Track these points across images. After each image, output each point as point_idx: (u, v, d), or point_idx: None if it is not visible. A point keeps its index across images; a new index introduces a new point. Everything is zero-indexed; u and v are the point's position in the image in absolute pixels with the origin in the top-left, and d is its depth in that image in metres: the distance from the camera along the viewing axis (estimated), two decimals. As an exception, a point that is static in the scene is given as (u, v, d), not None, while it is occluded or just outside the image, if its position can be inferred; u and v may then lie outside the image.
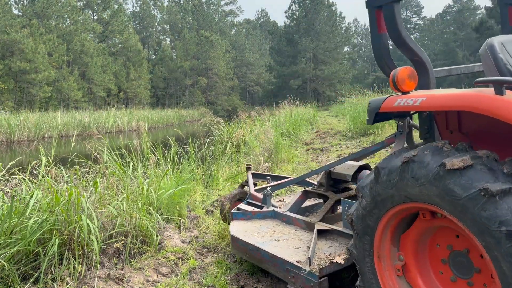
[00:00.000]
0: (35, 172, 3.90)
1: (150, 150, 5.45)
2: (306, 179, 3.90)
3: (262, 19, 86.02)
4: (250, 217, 3.55)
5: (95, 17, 44.74)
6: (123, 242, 3.53)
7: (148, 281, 3.24)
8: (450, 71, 2.77)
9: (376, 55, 2.50)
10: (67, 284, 2.98)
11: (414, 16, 71.16)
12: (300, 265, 2.57)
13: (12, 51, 29.28)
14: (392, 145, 2.53)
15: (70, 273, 3.07)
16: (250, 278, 3.19)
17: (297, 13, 47.58)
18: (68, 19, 37.43)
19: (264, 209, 3.58)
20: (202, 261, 3.63)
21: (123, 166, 4.45)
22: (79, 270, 3.09)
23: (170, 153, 5.75)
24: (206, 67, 49.73)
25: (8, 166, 3.80)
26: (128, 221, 3.66)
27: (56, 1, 35.15)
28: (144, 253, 3.66)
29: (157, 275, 3.35)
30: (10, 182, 4.06)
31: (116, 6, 45.28)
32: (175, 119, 34.35)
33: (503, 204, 1.52)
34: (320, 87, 45.87)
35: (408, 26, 70.10)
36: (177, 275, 3.36)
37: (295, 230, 3.19)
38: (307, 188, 3.64)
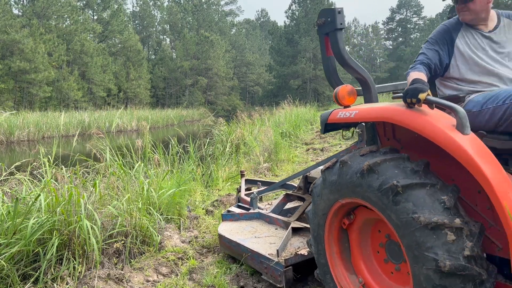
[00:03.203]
0: (35, 172, 3.91)
1: (151, 150, 5.45)
2: (291, 182, 4.34)
3: (262, 19, 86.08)
4: (238, 218, 3.85)
5: (95, 17, 44.73)
6: (123, 242, 3.53)
7: (148, 281, 3.24)
8: (396, 86, 3.01)
9: (326, 74, 2.84)
10: (67, 284, 2.98)
11: (414, 16, 71.13)
12: (271, 257, 2.89)
13: (12, 51, 29.29)
14: None
15: (70, 273, 3.07)
16: (250, 278, 3.19)
17: (297, 13, 47.61)
18: (68, 19, 37.41)
19: (251, 211, 3.89)
20: (202, 261, 3.63)
21: (123, 166, 4.45)
22: (79, 270, 3.09)
23: (169, 153, 5.75)
24: (206, 67, 49.74)
25: (13, 167, 3.81)
26: (128, 221, 3.66)
27: (56, 1, 35.13)
28: (144, 253, 3.66)
29: (157, 275, 3.35)
30: (10, 182, 4.06)
31: (116, 6, 45.27)
32: (175, 119, 34.36)
33: (409, 196, 1.79)
34: (320, 87, 45.88)
35: (408, 26, 70.13)
36: (177, 275, 3.36)
37: (275, 229, 3.50)
38: (288, 192, 3.96)
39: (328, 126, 2.53)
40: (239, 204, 4.24)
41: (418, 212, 1.74)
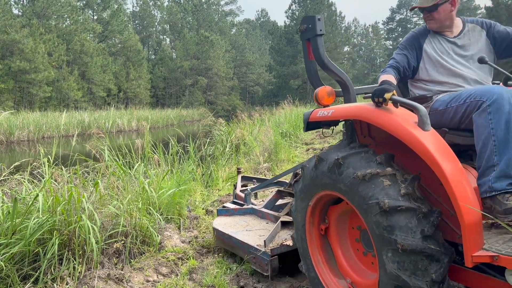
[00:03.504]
0: (34, 172, 3.90)
1: (151, 150, 5.45)
2: (283, 179, 4.51)
3: (262, 19, 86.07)
4: (232, 213, 4.04)
5: (95, 17, 44.70)
6: (123, 242, 3.53)
7: (148, 281, 3.24)
8: (373, 88, 3.19)
9: (308, 76, 3.02)
10: (67, 284, 2.98)
11: (414, 16, 71.04)
12: (259, 248, 3.10)
13: (12, 51, 29.26)
14: None
15: (70, 273, 3.07)
16: (250, 278, 3.19)
17: (297, 13, 47.59)
18: (68, 19, 37.37)
19: (244, 206, 4.09)
20: (202, 261, 3.63)
21: (123, 166, 4.45)
22: (79, 270, 3.09)
23: (169, 153, 5.75)
24: (206, 67, 49.72)
25: (12, 167, 3.81)
26: (128, 221, 3.66)
27: (56, 1, 35.10)
28: (144, 253, 3.66)
29: (157, 275, 3.35)
30: (10, 182, 4.06)
31: (116, 6, 45.23)
32: (175, 119, 34.34)
33: (371, 184, 2.00)
34: (320, 87, 45.78)
35: (408, 26, 70.07)
36: (177, 275, 3.36)
37: (266, 223, 3.70)
38: (280, 188, 4.11)
39: (310, 125, 2.69)
40: (235, 200, 4.44)
41: (379, 197, 1.94)
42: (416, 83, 2.68)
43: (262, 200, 4.52)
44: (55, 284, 2.95)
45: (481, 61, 2.37)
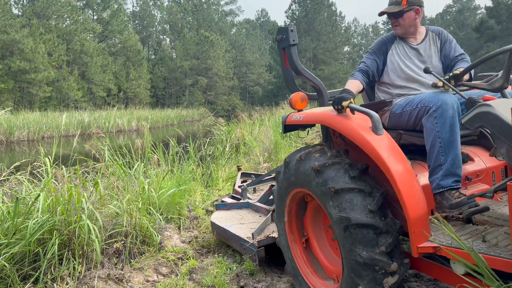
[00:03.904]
0: (34, 172, 3.90)
1: (151, 150, 5.45)
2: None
3: (262, 19, 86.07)
4: (229, 208, 4.23)
5: (95, 17, 44.69)
6: (123, 242, 3.53)
7: (148, 281, 3.24)
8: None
9: (285, 82, 3.29)
10: (67, 284, 2.98)
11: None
12: (248, 239, 3.32)
13: (12, 51, 29.25)
14: None
15: (70, 273, 3.07)
16: (250, 278, 3.19)
17: (297, 13, 47.56)
18: (68, 19, 37.35)
19: (241, 201, 4.29)
20: (202, 261, 3.63)
21: (123, 166, 4.45)
22: (79, 270, 3.09)
23: (169, 153, 5.75)
24: (206, 67, 49.71)
25: (12, 167, 3.80)
26: (128, 221, 3.66)
27: (56, 1, 35.09)
28: (144, 253, 3.66)
29: (157, 275, 3.35)
30: (10, 182, 4.06)
31: (116, 6, 45.21)
32: (175, 119, 34.33)
33: (326, 173, 2.30)
34: (320, 87, 45.78)
35: (408, 26, 69.90)
36: (177, 275, 3.36)
37: (259, 216, 3.87)
38: (273, 183, 4.31)
39: (287, 127, 2.93)
40: (233, 195, 4.66)
41: (333, 183, 2.24)
42: (380, 86, 2.88)
43: (258, 195, 4.64)
44: (55, 284, 2.95)
45: (426, 71, 2.49)
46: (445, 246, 1.92)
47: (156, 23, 61.14)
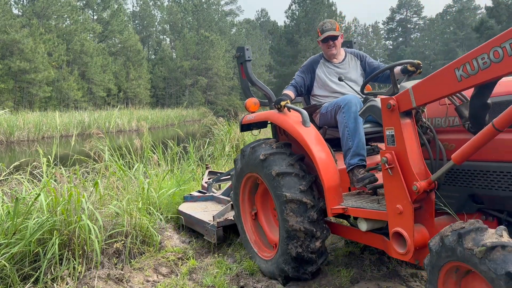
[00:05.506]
0: (34, 172, 3.90)
1: (150, 150, 5.45)
2: None
3: (262, 19, 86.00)
4: (196, 200, 4.73)
5: (95, 17, 44.67)
6: (123, 242, 3.53)
7: (148, 281, 3.24)
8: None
9: (242, 90, 3.92)
10: (67, 284, 2.98)
11: (414, 16, 71.12)
12: (209, 222, 3.86)
13: (12, 51, 29.23)
14: None
15: (70, 273, 3.07)
16: (250, 278, 3.19)
17: (297, 13, 47.53)
18: (68, 19, 37.33)
19: (206, 194, 4.79)
20: (202, 261, 3.63)
21: (123, 166, 4.44)
22: (79, 270, 3.09)
23: (169, 153, 5.75)
24: (206, 67, 49.68)
25: (12, 167, 3.80)
26: (128, 221, 3.65)
27: (56, 1, 35.07)
28: (144, 253, 3.66)
29: (157, 275, 3.35)
30: (10, 182, 4.05)
31: (116, 6, 45.19)
32: (175, 119, 34.30)
33: (270, 160, 2.94)
34: (320, 87, 45.73)
35: (408, 26, 70.08)
36: (177, 275, 3.36)
37: (222, 206, 4.31)
38: None
39: (244, 127, 3.59)
40: (200, 190, 5.11)
41: (275, 168, 2.87)
42: (312, 97, 3.61)
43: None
44: (55, 284, 2.95)
45: (339, 79, 3.28)
46: (350, 207, 2.62)
47: (156, 23, 61.14)
